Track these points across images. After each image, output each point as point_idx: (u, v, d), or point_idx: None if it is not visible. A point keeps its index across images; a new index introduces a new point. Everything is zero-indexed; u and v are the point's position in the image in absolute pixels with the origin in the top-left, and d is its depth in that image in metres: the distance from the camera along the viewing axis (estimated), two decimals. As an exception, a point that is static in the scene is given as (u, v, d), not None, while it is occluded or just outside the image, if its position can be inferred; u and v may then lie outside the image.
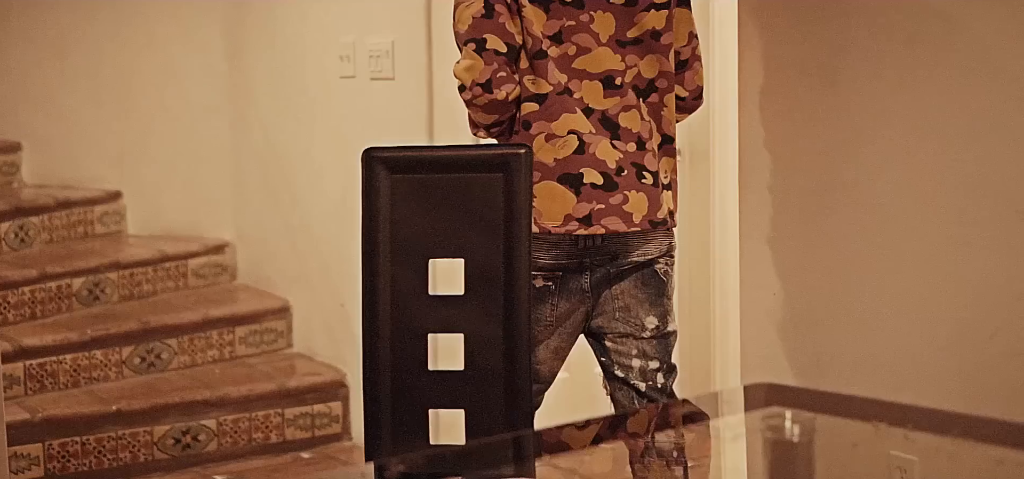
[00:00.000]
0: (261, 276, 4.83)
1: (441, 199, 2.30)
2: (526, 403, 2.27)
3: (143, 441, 4.03)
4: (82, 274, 4.46)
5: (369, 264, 2.30)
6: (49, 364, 4.11)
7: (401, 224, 2.30)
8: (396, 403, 2.29)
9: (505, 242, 2.27)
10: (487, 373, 2.27)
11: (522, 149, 2.29)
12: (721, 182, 4.38)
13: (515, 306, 2.27)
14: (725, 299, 4.41)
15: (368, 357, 2.29)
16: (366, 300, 2.30)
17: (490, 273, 2.28)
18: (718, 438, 1.73)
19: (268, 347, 4.58)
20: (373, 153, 2.31)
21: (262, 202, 4.83)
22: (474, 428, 2.29)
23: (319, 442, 4.29)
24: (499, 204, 2.28)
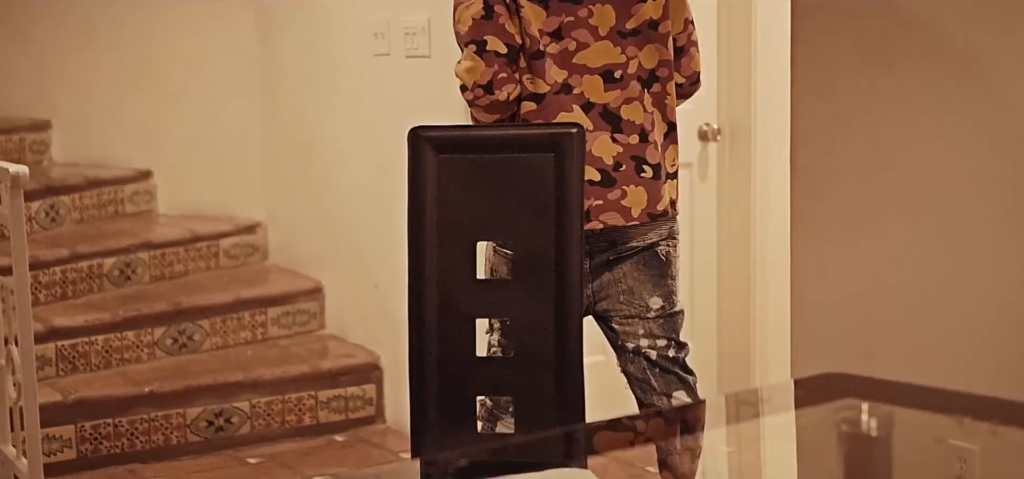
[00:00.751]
0: (293, 257, 4.77)
1: (490, 180, 2.23)
2: (576, 390, 2.21)
3: (176, 423, 3.99)
4: (113, 254, 4.41)
5: (415, 247, 2.23)
6: (81, 345, 4.07)
7: (448, 206, 2.23)
8: (443, 390, 2.23)
9: (556, 225, 2.20)
10: (536, 360, 2.21)
11: (574, 128, 2.21)
12: (762, 167, 4.29)
13: (566, 291, 2.20)
14: (766, 288, 4.33)
15: (414, 343, 2.23)
16: (412, 284, 2.24)
17: (540, 256, 2.21)
18: (790, 432, 1.66)
19: (300, 328, 4.53)
20: (420, 132, 2.24)
21: (294, 182, 4.77)
22: (523, 416, 2.23)
23: (353, 425, 4.24)
24: (549, 186, 2.21)
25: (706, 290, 4.43)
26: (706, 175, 4.40)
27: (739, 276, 4.38)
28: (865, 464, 1.52)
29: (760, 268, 4.32)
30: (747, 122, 4.29)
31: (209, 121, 4.93)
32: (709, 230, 4.41)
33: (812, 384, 1.71)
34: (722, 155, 4.38)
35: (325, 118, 4.55)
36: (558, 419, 2.20)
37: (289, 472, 3.87)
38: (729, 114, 4.35)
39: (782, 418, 1.67)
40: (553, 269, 2.20)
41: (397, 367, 4.26)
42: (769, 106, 4.24)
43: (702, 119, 4.35)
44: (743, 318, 4.37)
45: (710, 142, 4.37)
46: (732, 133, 4.35)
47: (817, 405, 1.64)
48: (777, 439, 1.66)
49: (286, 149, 4.79)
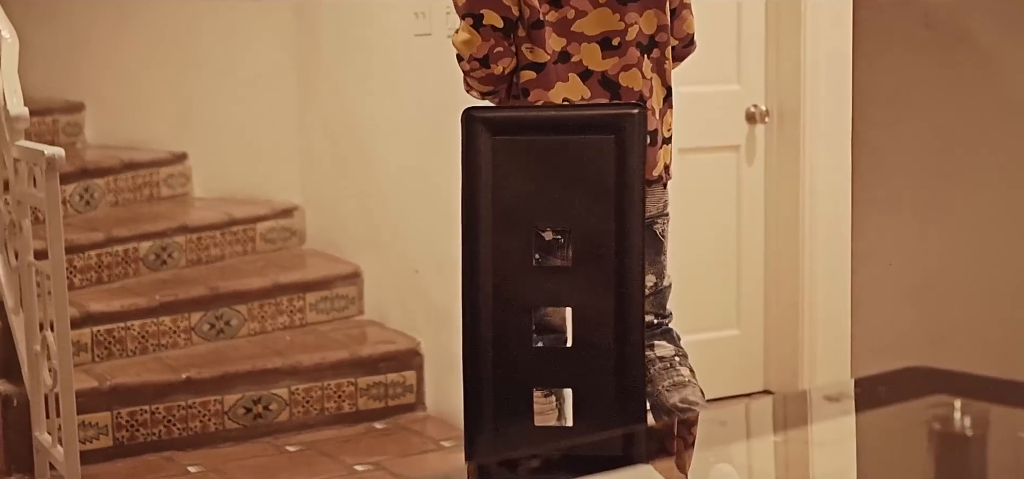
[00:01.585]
0: (330, 241, 4.69)
1: (547, 163, 2.14)
2: (637, 382, 2.11)
3: (213, 410, 3.92)
4: (149, 238, 4.35)
5: (469, 232, 2.14)
6: (116, 330, 4.00)
7: (503, 190, 2.14)
8: (498, 382, 2.13)
9: (616, 209, 2.11)
10: (596, 350, 2.11)
11: (635, 109, 2.12)
12: (811, 146, 4.18)
13: (627, 278, 2.10)
14: (815, 276, 4.22)
15: (468, 332, 2.14)
16: (466, 271, 2.14)
17: (599, 242, 2.11)
18: (877, 431, 1.56)
19: (338, 314, 4.45)
20: (474, 113, 2.15)
21: (331, 165, 4.69)
22: (582, 408, 2.13)
23: (393, 412, 4.16)
24: (610, 168, 2.11)
25: (752, 277, 4.32)
26: (753, 158, 4.29)
27: (787, 264, 4.26)
28: (960, 466, 1.42)
29: (810, 255, 4.21)
30: (797, 103, 4.17)
31: (245, 103, 4.86)
32: (756, 216, 4.30)
33: (895, 379, 1.61)
34: (770, 137, 4.27)
35: (364, 99, 4.47)
36: (618, 412, 2.10)
37: (329, 461, 3.80)
38: (778, 95, 4.24)
39: (867, 416, 1.57)
40: (613, 256, 2.11)
41: (438, 354, 4.19)
42: (821, 85, 4.13)
43: (749, 100, 4.24)
44: (791, 307, 4.26)
45: (758, 124, 4.26)
46: (781, 114, 4.24)
47: (903, 402, 1.54)
48: (863, 438, 1.56)
49: (323, 131, 4.71)
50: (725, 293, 4.30)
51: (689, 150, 4.15)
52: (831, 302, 4.22)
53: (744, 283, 4.31)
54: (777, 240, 4.29)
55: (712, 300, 4.28)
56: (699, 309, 4.18)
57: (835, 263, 4.19)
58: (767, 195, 4.29)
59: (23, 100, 3.51)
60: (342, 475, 3.68)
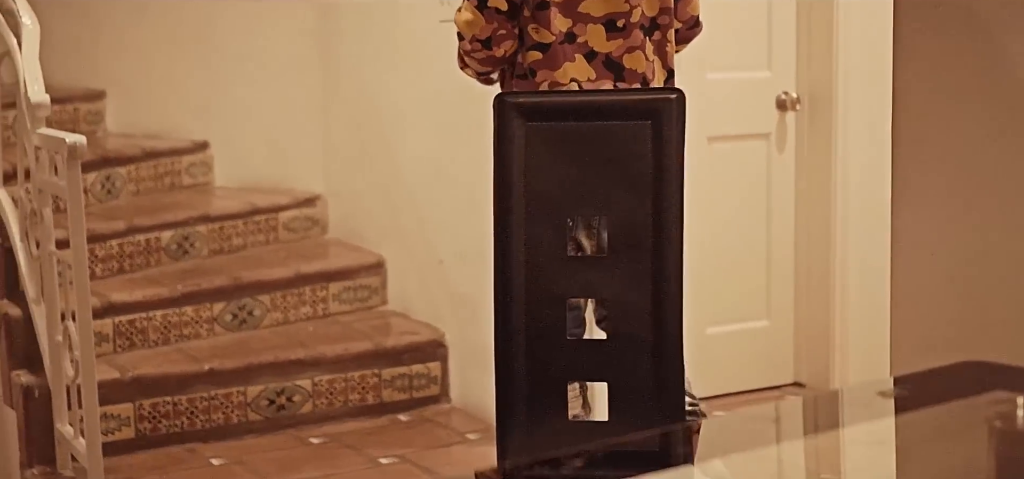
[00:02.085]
0: (353, 230, 4.64)
1: (582, 150, 2.07)
2: (675, 376, 2.05)
3: (236, 402, 3.87)
4: (171, 227, 4.30)
5: (502, 221, 2.08)
6: (139, 321, 3.96)
7: (537, 177, 2.07)
8: (531, 375, 2.07)
9: (653, 198, 2.04)
10: (632, 342, 2.05)
11: (673, 94, 2.05)
12: (844, 134, 4.10)
13: (665, 269, 2.04)
14: (846, 266, 4.15)
15: (500, 324, 2.07)
16: (498, 261, 2.08)
17: (636, 232, 2.05)
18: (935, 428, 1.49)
19: (362, 304, 4.40)
20: (507, 98, 2.09)
21: (354, 153, 4.63)
22: (618, 402, 2.07)
23: (417, 404, 4.10)
24: (647, 155, 2.05)
25: (783, 267, 4.25)
26: (784, 146, 4.21)
27: (818, 254, 4.19)
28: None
29: (842, 245, 4.14)
30: (829, 89, 4.10)
31: (267, 90, 4.80)
32: (786, 205, 4.23)
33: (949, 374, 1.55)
34: (801, 125, 4.20)
35: (387, 87, 4.41)
36: (655, 407, 2.04)
37: (353, 453, 3.75)
38: (809, 81, 4.16)
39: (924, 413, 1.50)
40: (650, 246, 2.04)
41: (463, 345, 4.13)
42: (854, 71, 4.05)
43: (780, 87, 4.17)
44: (823, 297, 4.19)
45: (788, 111, 4.18)
46: (812, 101, 4.16)
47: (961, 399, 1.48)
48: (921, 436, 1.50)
49: (346, 119, 4.65)
50: (755, 283, 4.23)
51: (718, 138, 4.09)
52: (864, 293, 4.15)
53: (774, 273, 4.24)
54: (808, 230, 4.22)
55: (741, 290, 4.21)
56: (728, 299, 4.12)
57: (869, 253, 4.11)
58: (798, 184, 4.22)
59: (44, 87, 3.46)
60: (366, 468, 3.63)
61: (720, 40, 4.07)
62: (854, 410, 1.81)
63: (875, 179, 4.15)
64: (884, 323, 4.22)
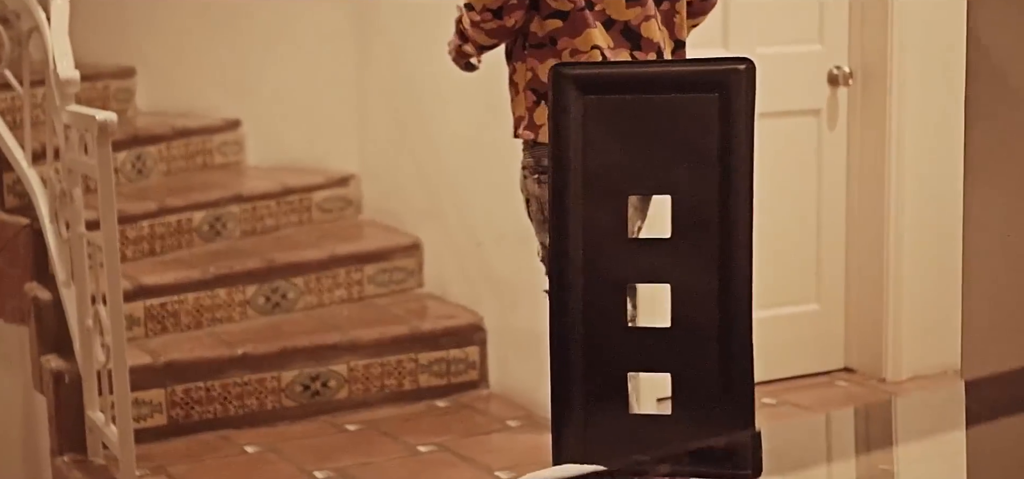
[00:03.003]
0: (388, 211, 4.52)
1: (643, 124, 1.94)
2: (743, 367, 1.92)
3: (270, 387, 3.77)
4: (203, 207, 4.19)
5: (557, 201, 1.95)
6: (170, 304, 3.86)
7: (595, 154, 1.94)
8: (589, 365, 1.95)
9: (721, 175, 1.91)
10: (698, 332, 1.92)
11: (742, 64, 1.91)
12: (898, 110, 3.95)
13: (733, 252, 1.91)
14: (901, 248, 4.00)
15: (557, 311, 1.95)
16: (554, 244, 1.96)
17: (702, 213, 1.92)
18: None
19: (397, 287, 4.28)
20: (563, 70, 1.96)
21: (389, 132, 4.51)
22: (682, 395, 1.94)
23: (455, 390, 3.99)
24: (714, 130, 1.91)
25: (833, 249, 4.11)
26: (835, 123, 4.06)
27: (871, 235, 4.04)
28: None
29: (895, 226, 3.99)
30: (883, 64, 3.94)
31: (299, 68, 4.68)
32: (837, 184, 4.08)
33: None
34: (853, 101, 4.04)
35: (423, 63, 4.27)
36: (723, 400, 1.91)
37: (390, 441, 3.64)
38: (862, 55, 4.01)
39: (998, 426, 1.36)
40: (717, 227, 1.91)
41: (502, 329, 4.01)
42: (909, 44, 3.90)
43: (831, 62, 4.01)
44: (875, 281, 4.04)
45: (840, 87, 4.03)
46: (865, 76, 4.01)
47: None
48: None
49: (381, 96, 4.53)
50: (804, 266, 4.08)
51: (767, 115, 3.90)
52: (918, 277, 4.00)
53: (824, 255, 4.09)
54: (860, 210, 4.07)
55: (790, 273, 4.07)
56: (777, 282, 3.97)
57: (924, 235, 3.97)
58: (850, 162, 4.07)
59: (73, 63, 3.35)
60: (405, 456, 3.52)
61: (769, 12, 3.92)
62: (953, 411, 1.67)
63: (931, 158, 4.00)
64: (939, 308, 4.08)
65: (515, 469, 3.38)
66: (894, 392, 3.98)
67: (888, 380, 4.05)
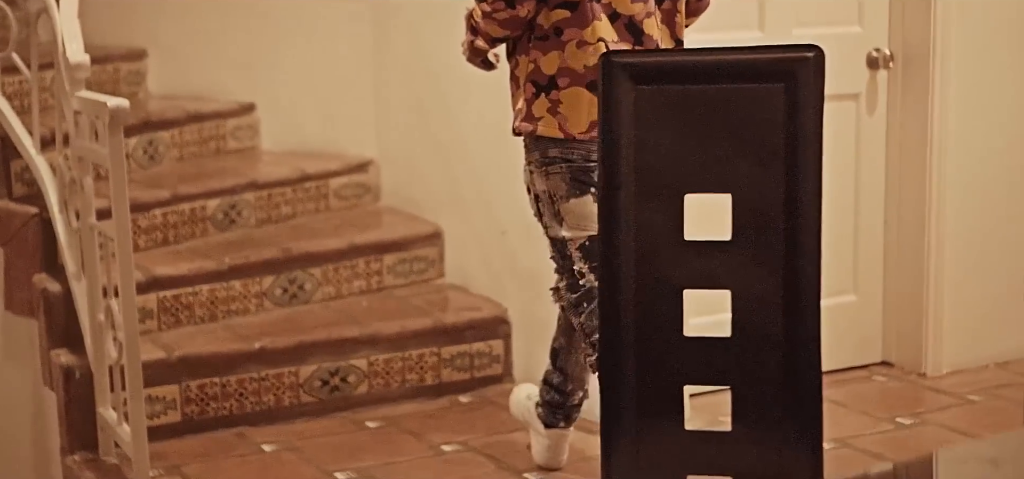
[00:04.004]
0: (407, 198, 4.38)
1: (701, 117, 1.79)
2: (811, 381, 1.77)
3: (288, 383, 3.63)
4: (217, 195, 4.05)
5: (608, 199, 1.80)
6: (184, 295, 3.72)
7: (649, 149, 1.79)
8: (642, 376, 1.80)
9: (787, 173, 1.76)
10: (761, 342, 1.77)
11: (811, 52, 1.76)
12: (941, 94, 3.80)
13: (799, 256, 1.76)
14: (943, 238, 3.85)
15: (608, 318, 1.80)
16: (604, 245, 1.81)
17: (766, 213, 1.77)
18: None
19: (418, 277, 4.15)
20: (613, 58, 1.81)
21: (408, 115, 4.37)
22: (743, 409, 1.80)
23: (478, 384, 3.85)
24: (779, 123, 1.76)
25: (872, 239, 3.96)
26: (875, 108, 3.91)
27: (911, 225, 3.89)
28: None
29: (937, 216, 3.84)
30: (925, 46, 3.79)
31: (315, 49, 4.54)
32: (876, 171, 3.93)
33: None
34: (894, 85, 3.89)
35: (444, 44, 4.11)
36: (787, 416, 1.77)
37: (413, 440, 3.50)
38: (903, 37, 3.85)
39: None
40: (782, 229, 1.76)
41: (527, 322, 3.87)
42: (953, 26, 3.75)
43: (871, 44, 3.86)
44: (915, 272, 3.89)
45: (880, 70, 3.88)
46: (906, 59, 3.86)
47: None
48: None
49: (400, 78, 4.38)
50: (841, 256, 3.93)
51: (804, 100, 3.78)
52: (961, 268, 3.86)
53: (862, 245, 3.94)
54: (900, 198, 3.92)
55: (827, 263, 3.85)
56: (813, 274, 3.82)
57: (966, 225, 3.83)
58: (889, 149, 3.92)
59: (83, 46, 3.21)
60: (429, 456, 3.38)
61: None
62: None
63: (974, 145, 3.86)
64: (981, 301, 3.93)
65: (544, 471, 3.25)
66: (934, 387, 3.84)
67: (928, 375, 3.90)
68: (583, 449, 3.27)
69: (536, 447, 3.25)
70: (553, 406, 3.20)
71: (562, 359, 3.16)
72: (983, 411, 3.62)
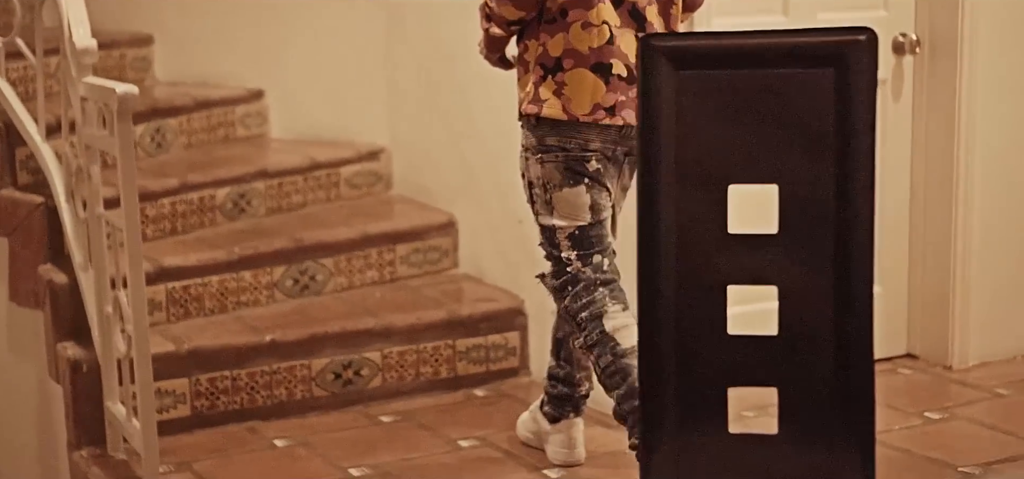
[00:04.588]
0: (420, 186, 4.29)
1: (747, 104, 1.71)
2: (863, 382, 1.69)
3: (300, 376, 3.54)
4: (226, 184, 3.96)
5: (647, 190, 1.72)
6: (193, 287, 3.63)
7: (691, 138, 1.71)
8: (684, 376, 1.72)
9: (837, 162, 1.68)
10: (809, 340, 1.69)
11: (863, 35, 1.67)
12: (970, 81, 3.70)
13: (851, 250, 1.68)
14: (970, 227, 3.76)
15: (647, 315, 1.72)
16: (643, 238, 1.73)
17: (815, 205, 1.68)
18: None
19: (431, 268, 4.06)
20: (652, 42, 1.72)
21: (421, 102, 4.27)
22: (790, 412, 1.71)
23: (494, 378, 3.76)
24: (829, 110, 1.68)
25: (897, 229, 3.86)
26: (900, 94, 3.81)
27: (938, 214, 3.80)
28: None
29: (964, 205, 3.74)
30: (953, 31, 3.69)
31: (325, 33, 4.44)
32: (901, 160, 3.84)
33: None
34: (920, 71, 3.79)
35: (458, 29, 4.03)
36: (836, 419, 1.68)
37: (429, 434, 3.41)
38: (930, 21, 3.76)
39: None
40: (833, 221, 1.68)
41: (542, 313, 3.77)
42: (982, 10, 3.65)
43: (897, 28, 3.76)
44: (941, 264, 3.80)
45: (906, 55, 3.78)
46: (933, 44, 3.76)
47: None
48: None
49: (412, 64, 4.29)
50: (866, 246, 3.84)
51: (828, 86, 3.69)
52: (989, 259, 3.77)
53: (886, 235, 3.85)
54: (925, 187, 3.83)
55: (850, 254, 3.82)
56: (838, 265, 3.73)
57: (995, 215, 3.73)
58: (915, 136, 3.83)
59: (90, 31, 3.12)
60: (446, 452, 3.30)
61: (832, -25, 3.68)
62: None
63: (1003, 133, 3.76)
64: (1008, 292, 3.84)
65: (563, 466, 3.16)
66: (960, 381, 3.75)
67: (954, 368, 3.81)
68: (605, 442, 3.19)
69: (551, 448, 3.18)
70: (561, 399, 3.15)
71: (566, 349, 3.10)
72: (1013, 405, 3.53)
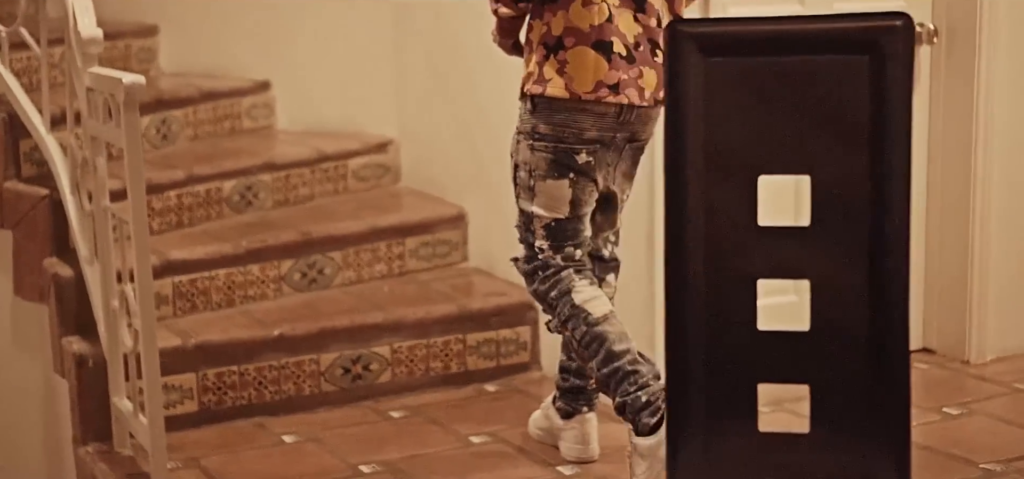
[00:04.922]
0: (429, 179, 4.24)
1: (778, 91, 1.66)
2: (898, 380, 1.63)
3: (309, 371, 3.49)
4: (233, 176, 3.91)
5: (674, 180, 1.67)
6: (200, 280, 3.58)
7: (720, 127, 1.66)
8: (713, 374, 1.67)
9: (872, 152, 1.62)
10: (843, 336, 1.64)
11: (899, 20, 1.62)
12: (987, 72, 3.65)
13: (887, 243, 1.62)
14: (987, 221, 3.70)
15: (674, 310, 1.67)
16: (670, 230, 1.67)
17: (849, 196, 1.63)
18: None
19: (441, 261, 4.00)
20: (680, 27, 1.66)
21: (430, 93, 4.22)
22: (823, 409, 1.66)
23: (504, 372, 3.71)
24: (863, 99, 1.63)
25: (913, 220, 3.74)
26: (917, 85, 3.75)
27: (954, 206, 3.75)
28: None
29: (981, 198, 3.69)
30: (972, 21, 3.63)
31: (332, 24, 4.39)
32: (918, 151, 3.72)
33: None
34: (937, 61, 3.74)
35: (468, 19, 3.97)
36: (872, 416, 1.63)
37: (440, 430, 3.36)
38: (948, 11, 3.70)
39: None
40: (868, 213, 1.62)
41: (555, 307, 3.73)
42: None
43: (914, 18, 3.69)
44: (958, 256, 3.75)
45: (923, 45, 3.73)
46: (951, 34, 3.70)
47: None
48: None
49: (421, 55, 4.23)
50: (882, 240, 3.79)
51: (845, 76, 3.63)
52: (1008, 252, 3.72)
53: (903, 228, 3.80)
54: (942, 179, 3.77)
55: (866, 247, 3.77)
56: (854, 258, 3.68)
57: (1014, 207, 3.68)
58: (932, 128, 3.77)
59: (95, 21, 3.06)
60: (456, 448, 3.24)
61: (848, -35, 3.62)
62: None
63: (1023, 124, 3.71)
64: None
65: (577, 462, 3.11)
66: (978, 375, 3.70)
67: (971, 362, 3.76)
68: (619, 438, 3.14)
69: (565, 444, 3.13)
70: (573, 391, 3.10)
71: None
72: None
